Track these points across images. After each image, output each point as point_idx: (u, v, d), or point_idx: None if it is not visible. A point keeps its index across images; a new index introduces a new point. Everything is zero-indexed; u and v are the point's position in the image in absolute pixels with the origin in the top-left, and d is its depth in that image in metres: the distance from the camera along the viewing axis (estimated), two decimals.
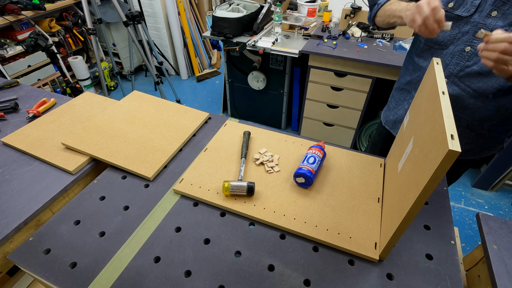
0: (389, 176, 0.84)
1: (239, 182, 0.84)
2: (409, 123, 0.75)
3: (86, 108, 1.18)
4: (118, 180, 0.91)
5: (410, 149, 0.66)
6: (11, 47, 2.32)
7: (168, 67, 3.49)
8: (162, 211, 0.82)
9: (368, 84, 1.92)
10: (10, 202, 0.83)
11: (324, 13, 2.23)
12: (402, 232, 0.61)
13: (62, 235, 0.76)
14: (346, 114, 2.13)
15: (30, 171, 0.92)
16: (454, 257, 0.72)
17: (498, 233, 0.85)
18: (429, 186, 0.50)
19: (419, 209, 0.54)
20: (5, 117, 1.15)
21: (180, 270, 0.69)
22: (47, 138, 1.02)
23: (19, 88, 1.33)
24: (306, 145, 1.02)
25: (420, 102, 0.70)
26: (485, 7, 0.75)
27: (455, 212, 2.00)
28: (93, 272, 0.68)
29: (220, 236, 0.76)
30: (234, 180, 0.88)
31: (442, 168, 0.46)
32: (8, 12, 2.20)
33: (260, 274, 0.68)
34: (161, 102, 1.20)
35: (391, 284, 0.67)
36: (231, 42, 2.10)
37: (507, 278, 0.74)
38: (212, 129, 1.12)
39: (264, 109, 2.61)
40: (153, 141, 1.01)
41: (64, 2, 2.59)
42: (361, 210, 0.80)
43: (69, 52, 2.80)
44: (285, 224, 0.77)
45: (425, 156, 0.54)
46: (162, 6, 2.97)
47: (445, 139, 0.46)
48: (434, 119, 0.55)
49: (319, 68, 1.98)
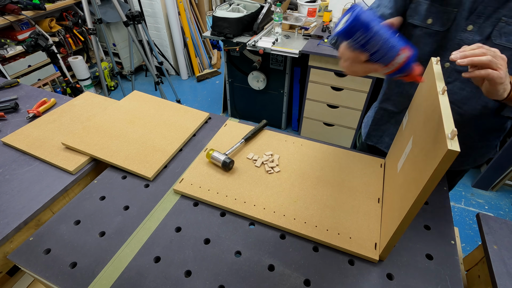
0: (389, 176, 0.84)
1: (220, 155, 0.91)
2: (409, 123, 0.75)
3: (86, 108, 1.18)
4: (118, 180, 0.91)
5: (409, 148, 0.67)
6: (11, 47, 2.32)
7: (168, 67, 3.49)
8: (162, 211, 0.82)
9: (368, 84, 1.92)
10: (10, 202, 0.83)
11: (324, 13, 2.23)
12: (402, 232, 0.61)
13: (62, 235, 0.76)
14: (346, 114, 2.13)
15: (30, 171, 0.92)
16: (454, 257, 0.72)
17: (498, 233, 0.84)
18: (429, 185, 0.50)
19: (418, 209, 0.54)
20: (5, 117, 1.15)
21: (180, 270, 0.69)
22: (47, 138, 1.02)
23: (19, 88, 1.33)
24: (306, 145, 1.02)
25: (419, 101, 0.70)
26: (460, 21, 0.73)
27: (455, 212, 2.00)
28: (93, 272, 0.68)
29: (220, 236, 0.76)
30: (220, 152, 0.93)
31: (442, 168, 0.46)
32: (8, 12, 2.20)
33: (260, 274, 0.68)
34: (161, 102, 1.20)
35: (391, 284, 0.67)
36: (231, 42, 2.10)
37: (507, 278, 0.74)
38: (212, 129, 1.12)
39: (264, 109, 2.61)
40: (153, 141, 1.01)
41: (64, 2, 2.59)
42: (361, 210, 0.80)
43: (69, 52, 2.80)
44: (285, 224, 0.77)
45: (425, 156, 0.54)
46: (162, 6, 2.97)
47: (444, 138, 0.46)
48: (433, 119, 0.55)
49: (319, 68, 1.98)
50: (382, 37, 0.51)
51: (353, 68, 0.58)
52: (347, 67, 0.61)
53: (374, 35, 0.50)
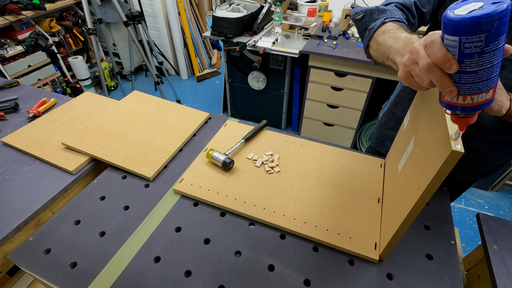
0: (389, 176, 0.84)
1: (220, 155, 0.91)
2: (409, 123, 0.75)
3: (86, 108, 1.18)
4: (118, 180, 0.91)
5: (411, 149, 0.66)
6: (11, 47, 2.32)
7: (168, 67, 3.49)
8: (162, 211, 0.82)
9: (368, 84, 1.92)
10: (10, 202, 0.83)
11: (324, 13, 2.23)
12: (403, 233, 0.61)
13: (62, 235, 0.76)
14: (346, 114, 2.13)
15: (30, 171, 0.92)
16: (454, 257, 0.72)
17: (498, 233, 0.84)
18: (431, 186, 0.49)
19: (420, 210, 0.54)
20: (5, 117, 1.15)
21: (180, 270, 0.69)
22: (47, 138, 1.02)
23: (19, 88, 1.33)
24: (306, 145, 1.02)
25: (421, 102, 0.70)
26: None
27: (455, 212, 2.00)
28: (93, 272, 0.68)
29: (220, 236, 0.76)
30: (220, 152, 0.93)
31: (445, 169, 0.46)
32: (8, 12, 2.20)
33: (260, 274, 0.68)
34: (161, 102, 1.20)
35: (391, 284, 0.67)
36: (231, 42, 2.10)
37: (507, 278, 0.74)
38: (212, 129, 1.12)
39: (264, 109, 2.61)
40: (153, 141, 1.01)
41: (64, 2, 2.59)
42: (361, 210, 0.80)
43: (69, 52, 2.80)
44: (285, 224, 0.77)
45: (427, 157, 0.53)
46: (162, 6, 2.97)
47: (448, 139, 0.45)
48: (436, 120, 0.54)
49: (319, 68, 1.98)
50: (497, 58, 0.35)
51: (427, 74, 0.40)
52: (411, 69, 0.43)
53: (496, 49, 0.34)
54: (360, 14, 0.71)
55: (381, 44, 0.63)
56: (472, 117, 0.41)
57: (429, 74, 0.39)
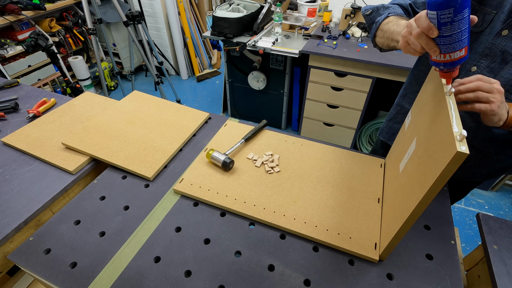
0: (389, 177, 0.84)
1: (220, 155, 0.91)
2: (411, 124, 0.75)
3: (86, 108, 1.18)
4: (118, 180, 0.91)
5: (412, 149, 0.66)
6: (11, 47, 2.32)
7: (168, 67, 3.49)
8: (162, 211, 0.82)
9: (368, 84, 1.92)
10: (10, 202, 0.83)
11: (324, 13, 2.23)
12: (404, 233, 0.61)
13: (62, 235, 0.76)
14: (346, 114, 2.13)
15: (30, 171, 0.92)
16: (454, 257, 0.72)
17: (498, 233, 0.84)
18: (435, 187, 0.49)
19: (422, 210, 0.54)
20: (5, 117, 1.15)
21: (180, 270, 0.69)
22: (47, 138, 1.02)
23: (19, 88, 1.33)
24: (306, 145, 1.02)
25: (423, 102, 0.70)
26: (496, 24, 0.69)
27: (455, 212, 2.00)
28: (93, 272, 0.68)
29: (220, 236, 0.76)
30: (220, 152, 0.93)
31: (449, 170, 0.45)
32: (8, 12, 2.20)
33: (260, 274, 0.68)
34: (161, 102, 1.20)
35: (391, 284, 0.67)
36: (231, 42, 2.10)
37: (507, 278, 0.74)
38: (212, 129, 1.12)
39: (264, 109, 2.61)
40: (153, 141, 1.01)
41: (64, 2, 2.59)
42: (361, 210, 0.80)
43: (69, 52, 2.80)
44: (285, 224, 0.77)
45: (430, 158, 0.53)
46: (162, 6, 2.97)
47: (453, 140, 0.45)
48: (440, 120, 0.54)
49: (319, 68, 1.98)
50: (464, 25, 0.49)
51: (418, 39, 0.53)
52: (408, 38, 0.56)
53: (462, 19, 0.48)
54: (369, 11, 0.88)
55: (386, 31, 0.77)
56: (454, 72, 0.56)
57: (419, 39, 0.53)
